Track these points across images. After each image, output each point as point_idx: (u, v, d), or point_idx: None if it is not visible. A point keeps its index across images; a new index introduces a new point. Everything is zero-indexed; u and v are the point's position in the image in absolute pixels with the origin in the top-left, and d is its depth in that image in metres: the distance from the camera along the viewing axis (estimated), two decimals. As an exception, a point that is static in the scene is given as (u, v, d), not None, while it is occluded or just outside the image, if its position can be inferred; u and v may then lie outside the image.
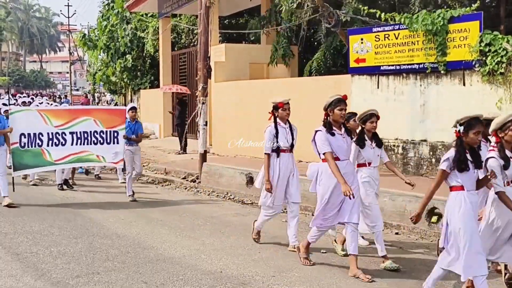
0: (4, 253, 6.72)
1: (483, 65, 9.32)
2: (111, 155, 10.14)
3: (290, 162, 7.02)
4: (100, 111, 10.69)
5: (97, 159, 10.19)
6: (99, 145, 10.03)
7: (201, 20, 12.45)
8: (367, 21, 11.93)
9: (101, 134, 10.02)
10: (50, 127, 9.73)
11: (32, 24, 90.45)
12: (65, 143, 9.81)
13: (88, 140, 9.96)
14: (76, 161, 10.20)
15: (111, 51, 26.28)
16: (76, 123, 9.91)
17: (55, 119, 9.84)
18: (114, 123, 10.09)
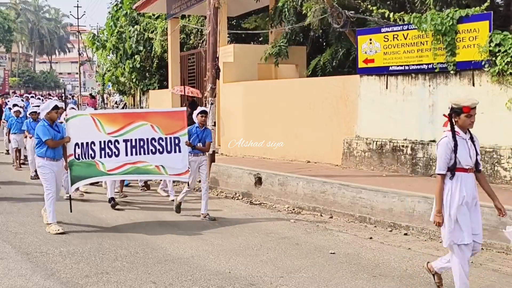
0: (14, 252, 6.77)
1: (493, 65, 9.27)
2: (173, 166, 8.61)
3: (473, 187, 5.34)
4: (157, 115, 8.91)
5: (156, 170, 8.54)
6: (158, 155, 8.51)
7: (210, 21, 12.47)
8: (375, 21, 11.90)
9: (160, 142, 8.52)
10: (103, 134, 8.21)
11: (42, 25, 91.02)
12: (118, 154, 8.29)
13: (144, 149, 8.42)
14: (133, 172, 8.52)
15: (120, 52, 26.39)
16: (130, 129, 8.40)
17: (108, 125, 8.30)
18: (174, 128, 8.63)
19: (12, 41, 73.91)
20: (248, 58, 15.76)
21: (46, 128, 7.96)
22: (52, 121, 8.07)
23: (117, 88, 32.94)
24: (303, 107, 12.97)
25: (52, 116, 8.09)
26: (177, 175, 8.77)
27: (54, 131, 8.02)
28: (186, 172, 8.66)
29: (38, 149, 7.96)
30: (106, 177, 8.64)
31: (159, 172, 8.59)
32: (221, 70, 13.12)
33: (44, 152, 7.92)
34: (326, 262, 6.62)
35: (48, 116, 8.09)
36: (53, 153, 7.99)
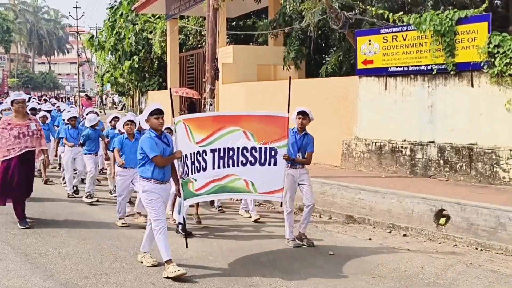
0: (13, 254, 6.76)
1: (492, 66, 9.28)
2: (265, 181, 6.98)
3: None
4: (254, 119, 7.23)
5: (244, 187, 6.94)
6: (249, 166, 6.93)
7: (209, 21, 12.47)
8: (374, 22, 11.92)
9: (252, 152, 6.94)
10: (193, 144, 6.62)
11: (41, 26, 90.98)
12: (205, 167, 6.73)
13: (234, 160, 6.88)
14: (219, 191, 6.93)
15: (119, 52, 26.41)
16: (220, 136, 6.80)
17: (197, 131, 6.68)
18: (271, 137, 7.05)
19: (11, 42, 73.94)
20: (247, 59, 15.78)
21: (153, 141, 6.14)
22: (158, 131, 6.24)
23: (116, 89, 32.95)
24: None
25: (153, 124, 6.22)
26: (268, 194, 7.10)
27: (163, 145, 6.21)
28: (279, 190, 7.02)
29: (142, 168, 6.25)
30: (193, 199, 6.85)
31: (246, 189, 6.96)
32: (220, 71, 13.13)
33: (151, 173, 6.18)
34: (325, 263, 6.62)
35: (149, 124, 6.34)
36: (162, 174, 6.23)
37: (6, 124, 8.16)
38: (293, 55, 14.94)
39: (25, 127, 8.20)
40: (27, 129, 8.21)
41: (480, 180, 9.51)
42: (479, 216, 7.46)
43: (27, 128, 8.21)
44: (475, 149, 9.61)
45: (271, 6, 16.86)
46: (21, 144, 8.12)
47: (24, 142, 8.14)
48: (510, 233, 7.12)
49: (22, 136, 8.13)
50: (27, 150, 8.19)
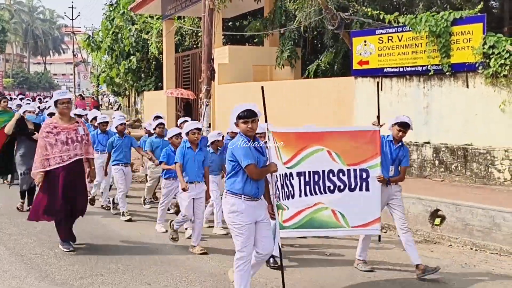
0: (8, 254, 6.75)
1: (487, 67, 9.32)
2: (357, 211, 5.92)
3: None
4: (339, 136, 6.07)
5: (334, 220, 5.86)
6: (337, 194, 5.88)
7: (205, 22, 12.47)
8: (370, 23, 11.94)
9: (339, 176, 5.90)
10: (280, 164, 5.55)
11: (36, 26, 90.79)
12: (293, 194, 5.72)
13: (319, 186, 5.84)
14: (307, 225, 5.79)
15: (115, 52, 26.36)
16: (304, 157, 5.79)
17: (284, 149, 5.66)
18: (361, 156, 6.00)
19: (6, 42, 73.70)
20: (243, 59, 15.78)
21: (248, 148, 5.02)
22: (250, 136, 5.08)
23: (112, 89, 32.90)
24: (299, 108, 12.99)
25: (242, 129, 5.13)
26: (362, 227, 5.98)
27: (257, 153, 5.10)
28: (375, 220, 5.95)
29: (231, 180, 5.08)
30: (283, 232, 5.70)
31: (337, 224, 5.85)
32: (216, 71, 13.13)
33: (242, 186, 5.01)
34: (321, 263, 6.63)
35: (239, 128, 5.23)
36: (256, 188, 5.06)
37: (52, 128, 6.83)
38: (287, 54, 14.92)
39: (73, 132, 6.91)
40: (76, 134, 6.91)
41: (475, 181, 9.54)
42: (474, 217, 7.49)
43: (75, 133, 6.91)
44: (470, 149, 9.64)
45: (266, 6, 16.87)
46: (69, 151, 6.82)
47: (73, 149, 6.84)
48: (505, 234, 7.15)
49: (70, 142, 6.84)
50: (77, 159, 6.91)
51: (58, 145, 6.77)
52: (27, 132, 9.23)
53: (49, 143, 6.76)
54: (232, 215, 5.02)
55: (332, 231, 6.10)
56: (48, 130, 6.81)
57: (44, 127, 6.88)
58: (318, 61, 14.74)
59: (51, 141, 6.76)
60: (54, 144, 6.76)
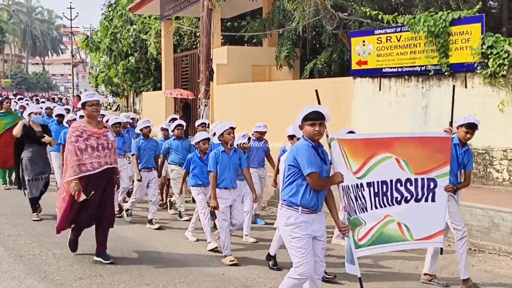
0: (7, 255, 6.74)
1: (485, 67, 9.32)
2: (422, 223, 5.43)
3: None
4: (409, 142, 5.62)
5: (399, 233, 5.34)
6: (404, 205, 5.40)
7: (203, 22, 12.48)
8: (368, 23, 11.95)
9: (407, 186, 5.44)
10: (351, 174, 5.02)
11: (35, 27, 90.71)
12: (365, 206, 5.16)
13: (387, 197, 5.34)
14: (377, 241, 5.19)
15: (114, 53, 26.35)
16: (372, 166, 5.29)
17: (353, 158, 5.11)
18: (430, 164, 5.54)
19: (5, 42, 73.64)
20: (241, 60, 15.78)
21: (312, 153, 4.53)
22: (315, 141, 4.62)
23: (110, 90, 32.88)
24: (297, 108, 12.94)
25: (307, 132, 4.64)
26: (425, 239, 5.53)
27: (320, 161, 4.58)
28: (439, 233, 5.51)
29: (288, 189, 4.58)
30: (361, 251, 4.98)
31: (402, 237, 5.35)
32: (215, 71, 13.14)
33: (300, 197, 4.52)
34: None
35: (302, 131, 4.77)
36: (316, 200, 4.56)
37: (81, 131, 6.25)
38: (285, 54, 14.88)
39: (104, 138, 6.36)
40: (106, 140, 6.37)
41: (473, 181, 9.54)
42: (473, 217, 7.49)
43: (105, 139, 6.37)
44: (468, 149, 9.64)
45: (265, 6, 16.87)
46: (100, 158, 6.28)
47: (103, 157, 6.31)
48: (504, 234, 7.16)
49: (101, 148, 6.31)
50: (107, 168, 6.37)
51: (88, 151, 6.22)
52: (36, 136, 8.70)
53: (78, 148, 6.18)
54: (288, 228, 4.53)
55: (396, 246, 5.44)
56: (77, 134, 6.22)
57: (72, 131, 6.28)
58: (316, 60, 14.73)
59: (81, 146, 6.19)
60: (84, 149, 6.20)
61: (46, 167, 8.97)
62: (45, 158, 9.04)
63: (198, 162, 7.36)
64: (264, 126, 8.90)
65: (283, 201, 4.59)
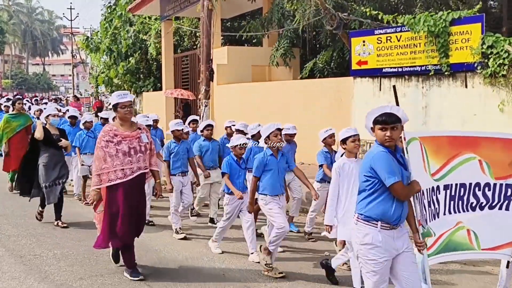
0: (7, 255, 6.74)
1: (485, 67, 9.32)
2: (491, 233, 4.99)
3: None
4: (496, 143, 5.16)
5: (467, 241, 4.91)
6: (478, 212, 4.97)
7: (203, 23, 12.49)
8: (368, 23, 11.95)
9: (485, 191, 4.99)
10: (428, 176, 4.65)
11: (35, 27, 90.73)
12: (438, 210, 4.75)
13: (463, 202, 4.91)
14: (444, 248, 4.76)
15: (114, 53, 26.36)
16: (454, 167, 4.87)
17: (434, 157, 4.74)
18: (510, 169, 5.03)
19: (5, 43, 73.68)
20: (242, 60, 15.79)
21: (391, 159, 4.16)
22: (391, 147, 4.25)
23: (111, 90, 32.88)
24: (298, 108, 13.00)
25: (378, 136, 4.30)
26: (492, 250, 5.03)
27: (399, 166, 4.20)
28: (508, 244, 4.99)
29: (364, 202, 4.20)
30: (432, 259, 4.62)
31: (470, 245, 4.90)
32: (215, 72, 13.14)
33: (381, 211, 4.13)
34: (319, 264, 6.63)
35: None
36: (399, 213, 4.16)
37: (112, 136, 5.81)
38: (281, 52, 14.78)
39: (136, 140, 5.90)
40: (139, 142, 5.92)
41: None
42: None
43: (138, 142, 5.91)
44: (469, 149, 9.64)
45: (265, 6, 16.88)
46: (132, 164, 5.83)
47: (136, 162, 5.85)
48: (504, 233, 7.13)
49: (133, 152, 5.85)
50: (140, 173, 5.94)
51: (119, 157, 5.76)
52: (54, 139, 8.27)
53: (109, 154, 5.74)
54: (364, 248, 4.11)
55: (462, 254, 4.98)
56: (107, 138, 5.77)
57: (102, 135, 5.81)
58: (316, 60, 14.71)
59: (111, 152, 5.75)
60: (114, 155, 5.74)
61: (63, 171, 8.36)
62: (63, 162, 8.43)
63: (235, 166, 6.82)
64: (293, 127, 8.36)
65: (359, 215, 4.18)
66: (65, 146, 8.41)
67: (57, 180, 8.20)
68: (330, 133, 7.40)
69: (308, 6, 12.93)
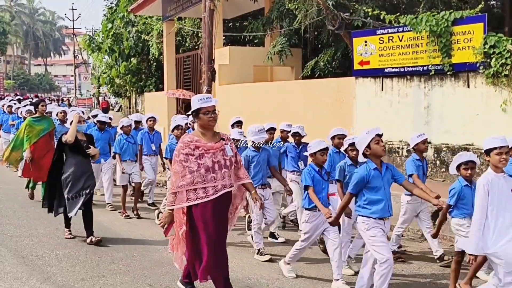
0: (9, 256, 6.74)
1: (488, 67, 9.31)
2: None
3: None
4: None
5: None
6: None
7: (205, 23, 12.49)
8: (371, 23, 11.94)
9: None
10: None
11: (37, 28, 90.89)
12: None
13: None
14: None
15: (116, 53, 26.40)
16: None
17: None
18: None
19: (7, 44, 73.81)
20: (243, 60, 15.80)
21: None
22: None
23: (113, 90, 32.94)
24: (299, 108, 13.00)
25: None
26: None
27: None
28: None
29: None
30: None
31: None
32: (217, 72, 13.14)
33: None
34: (322, 264, 6.62)
35: None
36: None
37: (193, 148, 4.86)
38: (278, 49, 14.67)
39: (221, 153, 4.94)
40: (223, 155, 4.95)
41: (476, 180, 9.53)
42: (476, 217, 7.45)
43: (223, 155, 4.95)
44: (471, 149, 9.62)
45: (267, 6, 16.88)
46: (216, 181, 4.86)
47: (220, 179, 4.89)
48: (507, 233, 7.12)
49: (218, 167, 4.89)
50: (225, 192, 4.95)
51: (201, 173, 4.82)
52: (82, 146, 7.49)
53: (189, 169, 4.82)
54: None
55: None
56: (187, 151, 4.85)
57: (182, 147, 4.88)
58: (317, 59, 14.69)
59: (192, 167, 4.82)
60: (196, 170, 4.81)
61: (89, 182, 7.44)
62: (90, 172, 7.54)
63: (318, 178, 5.86)
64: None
65: None
66: (93, 154, 7.60)
67: (81, 191, 7.36)
68: (423, 139, 6.55)
69: (310, 6, 12.91)
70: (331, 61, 14.49)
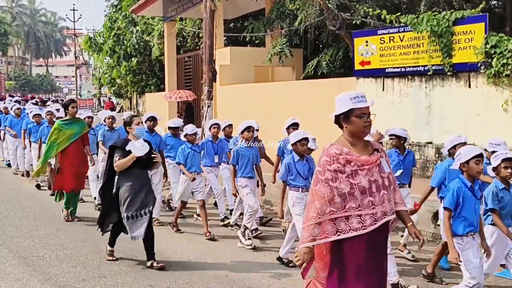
0: (10, 256, 6.74)
1: (489, 67, 9.30)
2: None
3: None
4: None
5: None
6: None
7: (206, 23, 12.49)
8: (371, 23, 11.93)
9: None
10: None
11: (38, 29, 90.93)
12: None
13: None
14: None
15: (117, 54, 26.42)
16: None
17: None
18: None
19: (8, 45, 73.86)
20: (244, 60, 15.80)
21: None
22: None
23: (114, 91, 32.97)
24: (300, 109, 12.97)
25: None
26: None
27: None
28: None
29: None
30: None
31: None
32: (218, 72, 13.14)
33: None
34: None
35: None
36: None
37: (343, 163, 3.64)
38: (278, 49, 14.64)
39: (376, 169, 3.69)
40: (380, 173, 3.70)
41: (477, 181, 9.51)
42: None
43: (379, 171, 3.70)
44: (472, 149, 9.62)
45: (267, 7, 16.87)
46: (375, 207, 3.60)
47: (380, 203, 3.63)
48: (508, 233, 7.11)
49: (375, 189, 3.64)
50: (386, 221, 3.66)
51: (355, 196, 3.58)
52: (143, 158, 6.32)
53: (339, 191, 3.58)
54: None
55: None
56: (336, 167, 3.62)
57: (328, 161, 3.65)
58: (319, 58, 14.67)
59: (343, 189, 3.58)
60: (348, 193, 3.58)
61: (149, 197, 6.43)
62: (149, 186, 6.56)
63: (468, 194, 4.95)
64: None
65: None
66: (157, 162, 6.57)
67: (144, 209, 6.35)
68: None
69: (310, 6, 12.91)
70: (333, 61, 14.48)
